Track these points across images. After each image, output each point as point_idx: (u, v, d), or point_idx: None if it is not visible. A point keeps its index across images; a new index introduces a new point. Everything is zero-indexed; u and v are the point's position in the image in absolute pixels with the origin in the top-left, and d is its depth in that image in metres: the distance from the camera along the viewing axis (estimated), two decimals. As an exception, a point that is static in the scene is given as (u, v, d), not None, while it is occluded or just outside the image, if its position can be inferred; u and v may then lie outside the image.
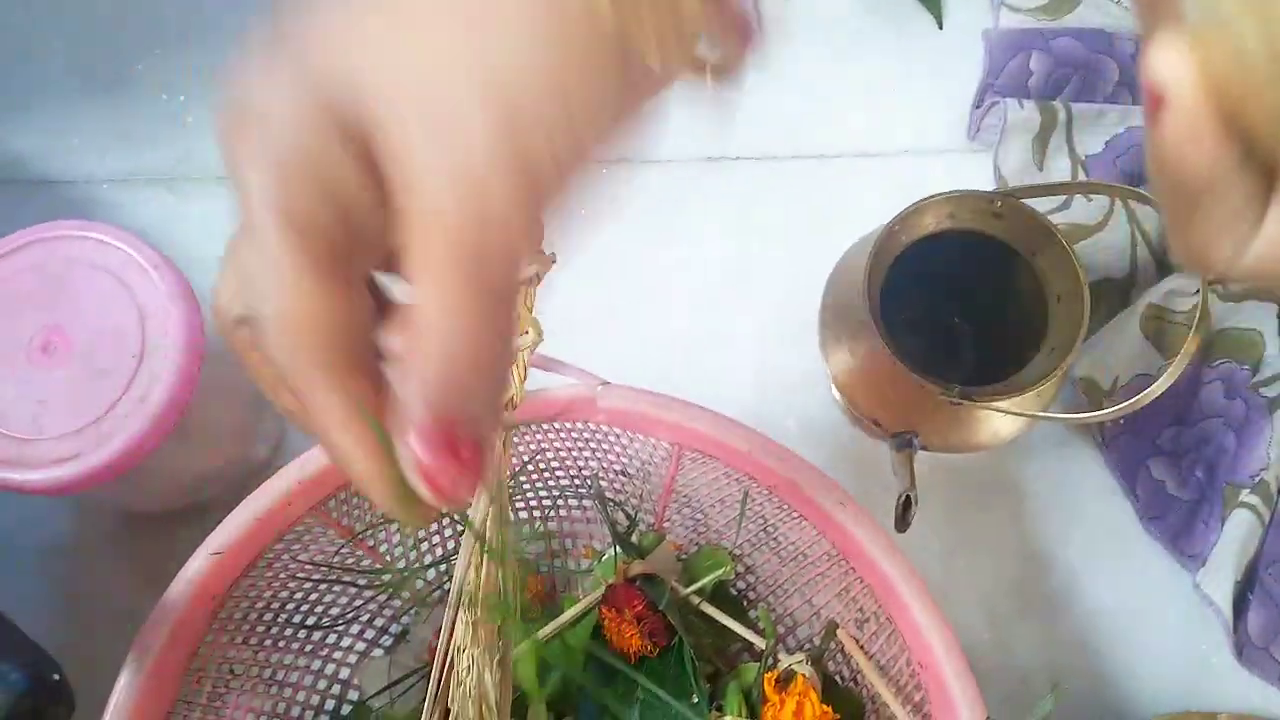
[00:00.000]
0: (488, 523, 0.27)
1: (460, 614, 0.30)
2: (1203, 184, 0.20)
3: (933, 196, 0.47)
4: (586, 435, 0.46)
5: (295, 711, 0.47)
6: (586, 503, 0.50)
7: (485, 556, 0.28)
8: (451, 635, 0.30)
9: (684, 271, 0.58)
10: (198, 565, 0.39)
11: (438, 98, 0.19)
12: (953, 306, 0.56)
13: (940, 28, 0.63)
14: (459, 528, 0.48)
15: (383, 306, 0.21)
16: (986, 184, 0.60)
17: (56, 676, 0.36)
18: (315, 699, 0.47)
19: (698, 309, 0.58)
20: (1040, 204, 0.55)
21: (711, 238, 0.60)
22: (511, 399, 0.28)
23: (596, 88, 0.20)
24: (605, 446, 0.46)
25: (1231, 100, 0.19)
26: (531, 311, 0.31)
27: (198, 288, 0.47)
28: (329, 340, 0.20)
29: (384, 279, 0.20)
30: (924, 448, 0.49)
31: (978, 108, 0.60)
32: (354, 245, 0.20)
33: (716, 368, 0.57)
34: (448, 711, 0.31)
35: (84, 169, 0.60)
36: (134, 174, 0.60)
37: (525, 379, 0.31)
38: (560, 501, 0.50)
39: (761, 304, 0.58)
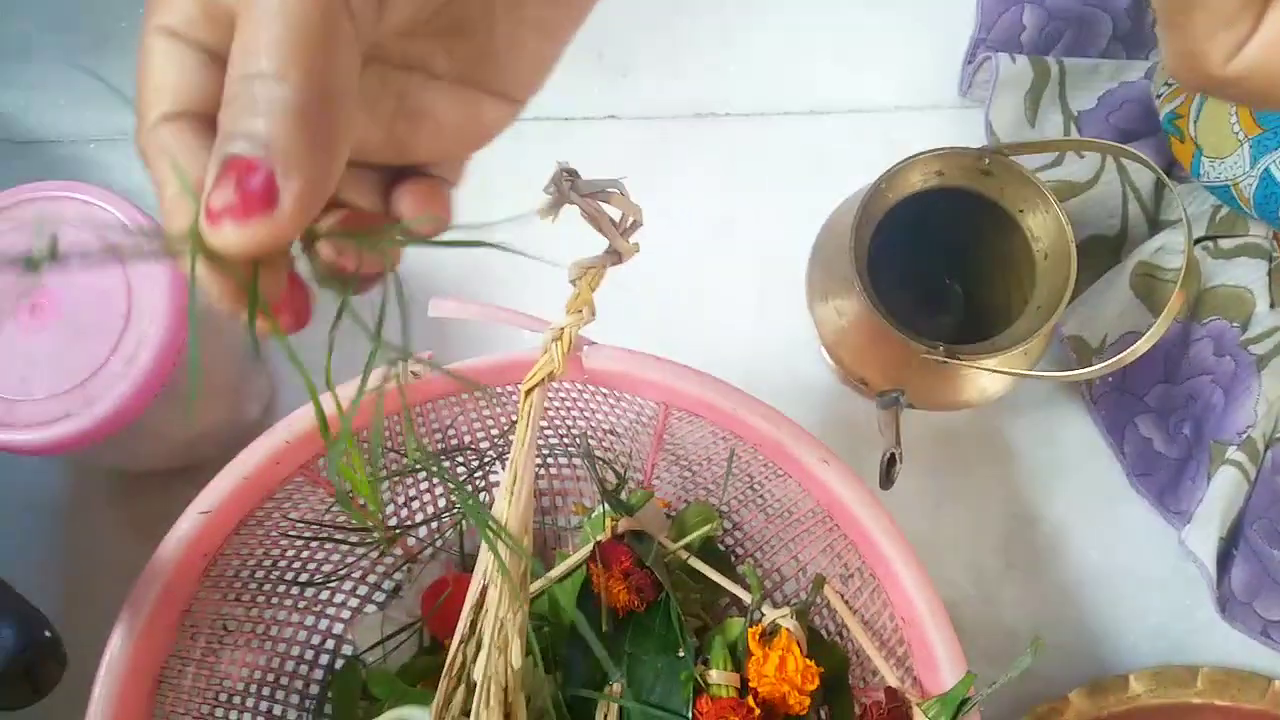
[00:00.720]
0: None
1: (493, 553, 0.30)
2: None
3: (920, 154, 0.47)
4: (574, 394, 0.46)
5: (289, 666, 0.47)
6: (576, 460, 0.50)
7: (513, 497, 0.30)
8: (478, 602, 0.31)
9: (672, 228, 0.58)
10: (188, 524, 0.40)
11: None
12: (941, 265, 0.56)
13: (934, -19, 0.62)
14: (447, 486, 0.49)
15: None
16: (978, 140, 0.59)
17: (49, 633, 0.36)
18: (309, 654, 0.48)
19: (687, 265, 0.58)
20: (1031, 161, 0.55)
21: (700, 194, 0.59)
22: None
23: None
24: (594, 405, 0.47)
25: None
26: (594, 292, 0.33)
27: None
28: (174, 102, 0.22)
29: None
30: (911, 405, 0.49)
31: (969, 63, 0.59)
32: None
33: (706, 324, 0.57)
34: (464, 667, 0.31)
35: (71, 128, 0.60)
36: (121, 133, 0.59)
37: (570, 350, 0.32)
38: (550, 459, 0.50)
39: (751, 261, 0.58)
